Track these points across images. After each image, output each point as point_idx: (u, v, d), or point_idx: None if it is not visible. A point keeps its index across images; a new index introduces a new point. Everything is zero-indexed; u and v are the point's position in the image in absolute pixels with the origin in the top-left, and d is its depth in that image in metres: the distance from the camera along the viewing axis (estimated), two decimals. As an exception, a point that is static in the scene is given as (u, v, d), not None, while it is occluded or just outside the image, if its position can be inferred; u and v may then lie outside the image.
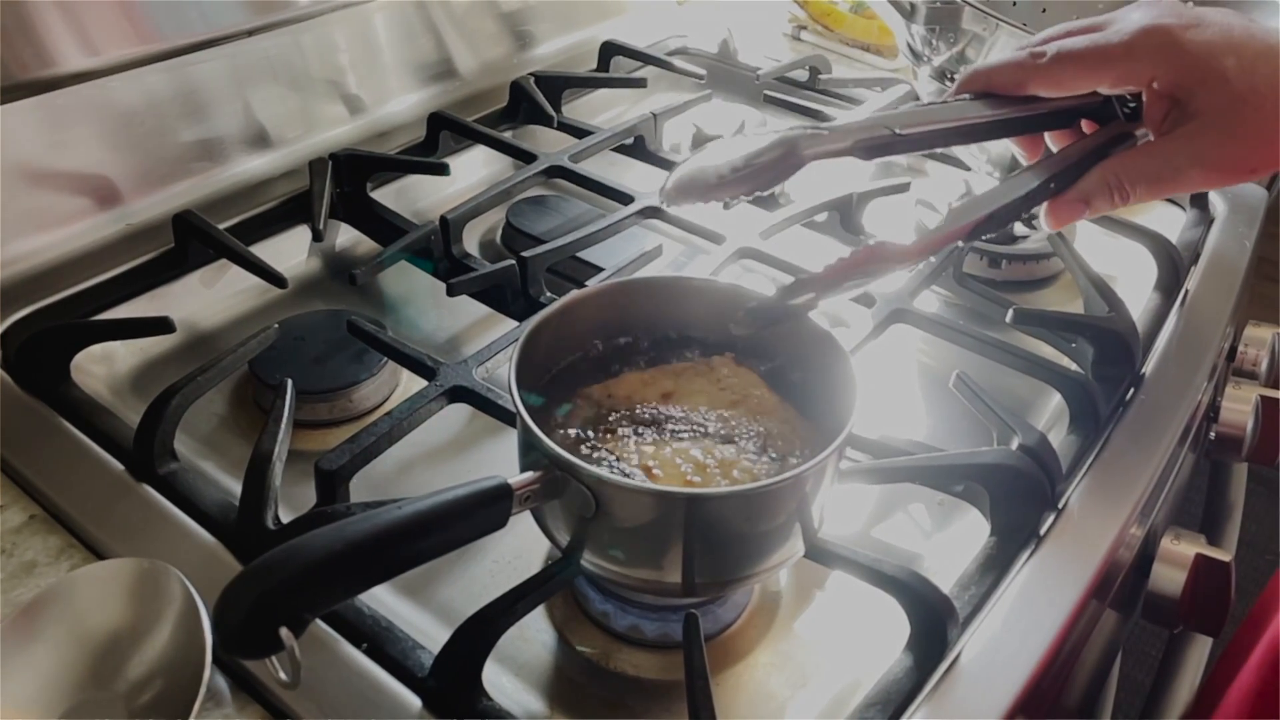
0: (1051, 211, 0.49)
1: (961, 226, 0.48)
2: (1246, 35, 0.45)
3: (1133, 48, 0.46)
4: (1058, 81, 0.48)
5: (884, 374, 0.69)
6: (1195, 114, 0.46)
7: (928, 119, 0.49)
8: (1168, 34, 0.45)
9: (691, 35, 1.10)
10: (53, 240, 0.70)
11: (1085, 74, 0.48)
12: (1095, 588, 0.53)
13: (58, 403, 0.59)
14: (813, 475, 0.44)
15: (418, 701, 0.45)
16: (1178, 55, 0.45)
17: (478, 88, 0.95)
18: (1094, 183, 0.48)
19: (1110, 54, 0.47)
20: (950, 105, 0.50)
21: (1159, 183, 0.47)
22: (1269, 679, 0.58)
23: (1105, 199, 0.48)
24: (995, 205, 0.48)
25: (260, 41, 0.79)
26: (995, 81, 0.50)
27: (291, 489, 0.54)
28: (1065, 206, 0.49)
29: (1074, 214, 0.49)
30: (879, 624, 0.50)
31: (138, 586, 0.46)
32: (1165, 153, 0.47)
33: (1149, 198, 0.48)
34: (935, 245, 0.48)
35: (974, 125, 0.49)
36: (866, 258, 0.46)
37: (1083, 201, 0.48)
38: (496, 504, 0.42)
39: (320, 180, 0.77)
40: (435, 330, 0.72)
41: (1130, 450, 0.61)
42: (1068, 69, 0.48)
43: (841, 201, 0.78)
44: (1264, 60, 0.44)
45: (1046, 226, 0.50)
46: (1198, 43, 0.45)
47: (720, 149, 0.47)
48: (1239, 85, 0.44)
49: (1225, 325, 0.74)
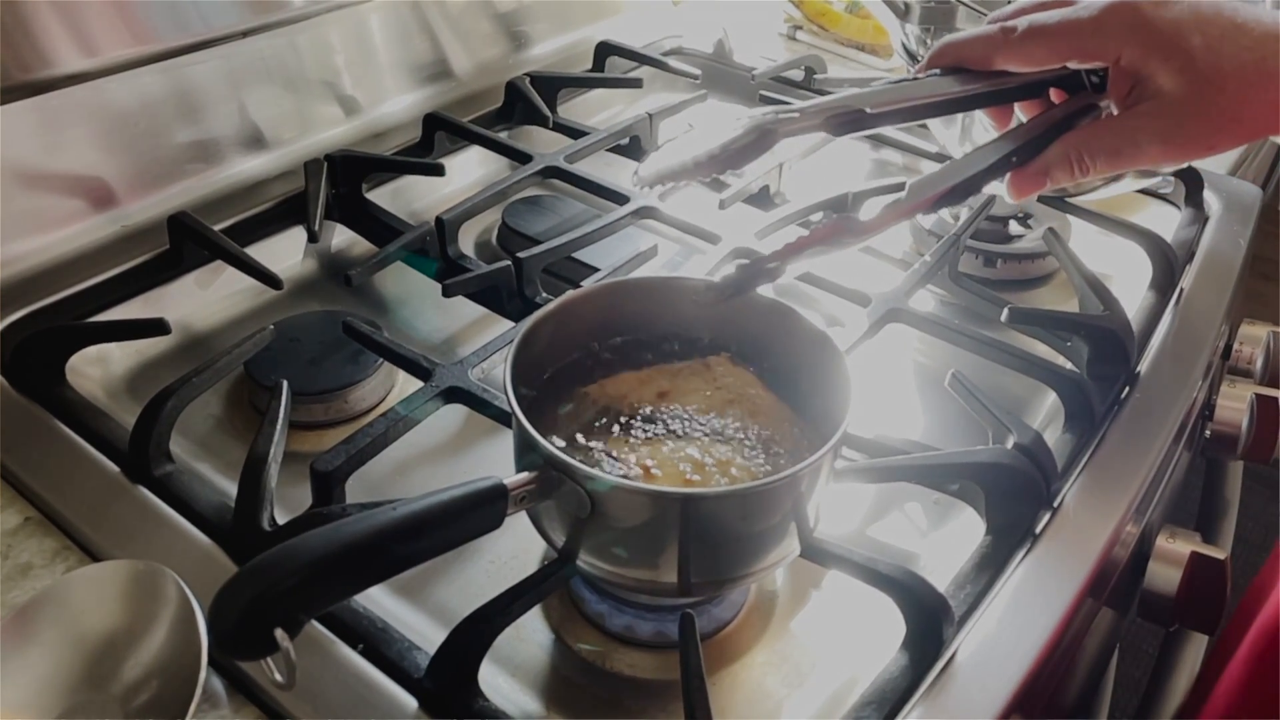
0: (1013, 183, 0.50)
1: (923, 200, 0.49)
2: (1214, 12, 0.45)
3: (1101, 24, 0.47)
4: (1028, 56, 0.49)
5: (880, 373, 0.69)
6: (1158, 91, 0.46)
7: (899, 97, 0.50)
8: (1135, 11, 0.46)
9: (687, 35, 1.10)
10: (47, 242, 0.70)
11: (1054, 50, 0.48)
12: (1090, 586, 0.53)
13: (53, 405, 0.59)
14: (808, 474, 0.44)
15: (414, 702, 0.45)
16: (1144, 33, 0.46)
17: (473, 88, 0.95)
18: (1055, 156, 0.49)
19: (1079, 30, 0.47)
20: (921, 82, 0.51)
21: (1118, 157, 0.48)
22: (1255, 672, 0.58)
23: (1065, 171, 0.49)
24: (957, 179, 0.49)
25: (255, 42, 0.79)
26: (965, 56, 0.50)
27: (287, 490, 0.54)
28: (1026, 179, 0.50)
29: (1035, 186, 0.50)
30: (875, 623, 0.50)
31: (133, 588, 0.46)
32: (1127, 128, 0.48)
33: (1108, 171, 0.49)
34: (896, 218, 0.48)
35: (943, 100, 0.50)
36: (830, 231, 0.47)
37: (1043, 174, 0.49)
38: (492, 504, 0.42)
39: (316, 181, 0.77)
40: (431, 331, 0.72)
41: (1125, 448, 0.61)
42: (1038, 45, 0.48)
43: (837, 201, 0.78)
44: (1229, 39, 0.45)
45: (1009, 198, 0.50)
46: (1165, 20, 0.45)
47: (696, 139, 0.47)
48: (1203, 64, 0.45)
49: (1220, 323, 0.74)
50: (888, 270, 0.73)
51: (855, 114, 0.48)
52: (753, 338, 0.54)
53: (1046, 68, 0.50)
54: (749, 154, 0.46)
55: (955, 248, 0.73)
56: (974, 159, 0.50)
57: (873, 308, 0.67)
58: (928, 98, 0.50)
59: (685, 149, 0.47)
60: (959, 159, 0.50)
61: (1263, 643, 0.58)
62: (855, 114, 0.48)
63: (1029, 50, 0.49)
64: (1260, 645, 0.58)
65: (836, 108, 0.48)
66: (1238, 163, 0.95)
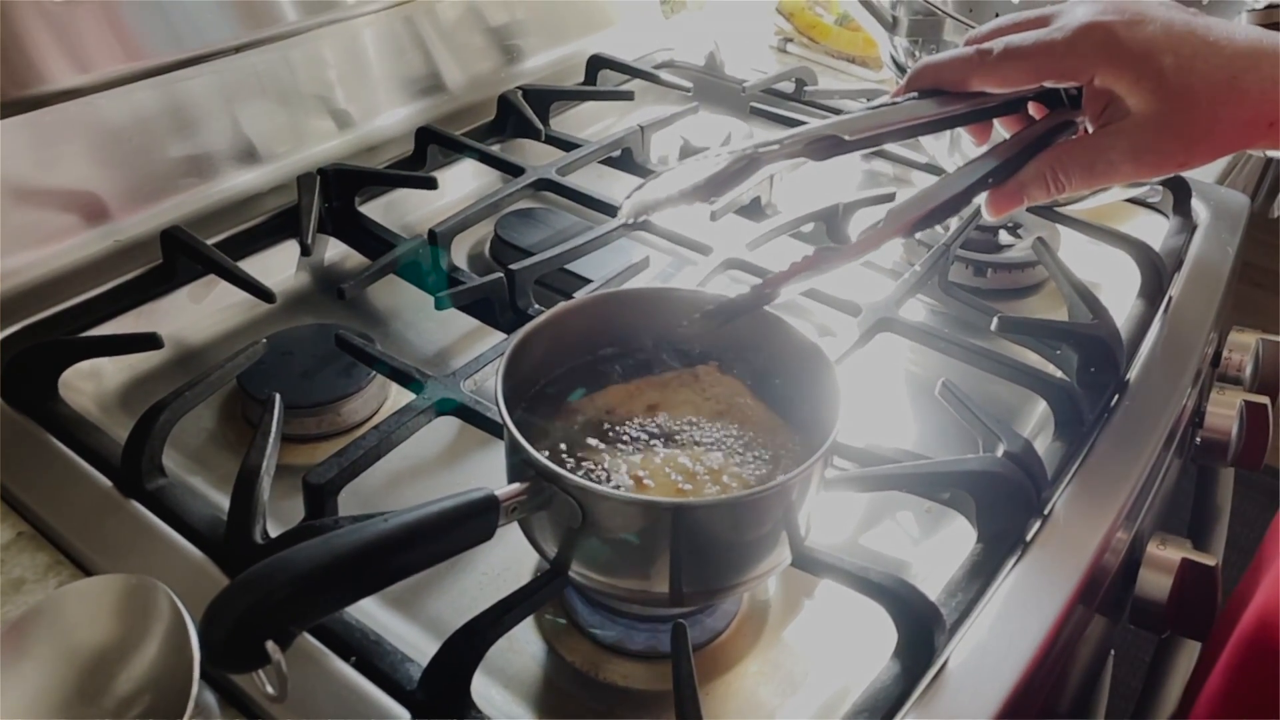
0: (991, 202, 0.51)
1: (903, 224, 0.50)
2: (1186, 30, 0.46)
3: (1074, 45, 0.47)
4: (1003, 78, 0.50)
5: (870, 383, 0.69)
6: (1131, 110, 0.47)
7: (877, 123, 0.50)
8: (1108, 31, 0.46)
9: (678, 48, 1.11)
10: (41, 257, 0.70)
11: (1029, 71, 0.49)
12: (1081, 593, 0.53)
13: (46, 419, 0.59)
14: (798, 483, 0.44)
15: (406, 714, 0.45)
16: (1117, 53, 0.46)
17: (466, 102, 0.95)
18: (1031, 174, 0.50)
19: (1053, 51, 0.48)
20: (899, 106, 0.51)
21: (1092, 174, 0.49)
22: (1234, 682, 0.58)
23: (1041, 189, 0.50)
24: (934, 202, 0.50)
25: (248, 57, 0.79)
26: (943, 78, 0.51)
27: (280, 503, 0.55)
28: (1003, 197, 0.50)
29: (1012, 204, 0.51)
30: (867, 631, 0.50)
31: (126, 602, 0.45)
32: (1100, 146, 0.48)
33: (1082, 188, 0.50)
34: (876, 242, 0.50)
35: (921, 123, 0.51)
36: (816, 260, 0.49)
37: (1019, 192, 0.50)
38: (484, 516, 0.43)
39: (309, 195, 0.77)
40: (424, 344, 0.72)
41: (1115, 456, 0.61)
42: (1013, 66, 0.49)
43: (828, 212, 0.78)
44: (1201, 58, 0.45)
45: (987, 215, 0.51)
46: (1137, 40, 0.46)
47: (682, 171, 0.49)
48: (1174, 83, 0.45)
49: (1209, 331, 0.75)
50: (878, 280, 0.73)
51: (834, 140, 0.49)
52: (743, 347, 0.54)
53: (1022, 88, 0.51)
54: (733, 182, 0.48)
55: (945, 257, 0.73)
56: (951, 181, 0.50)
57: (863, 317, 0.67)
58: (906, 121, 0.51)
59: (671, 182, 0.49)
60: (935, 183, 0.51)
61: (1242, 653, 0.58)
62: (834, 140, 0.49)
63: (1004, 72, 0.49)
64: (1239, 655, 0.58)
65: (815, 136, 0.49)
66: (1225, 171, 0.96)
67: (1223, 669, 0.59)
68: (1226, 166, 0.96)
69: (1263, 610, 0.58)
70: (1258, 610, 0.58)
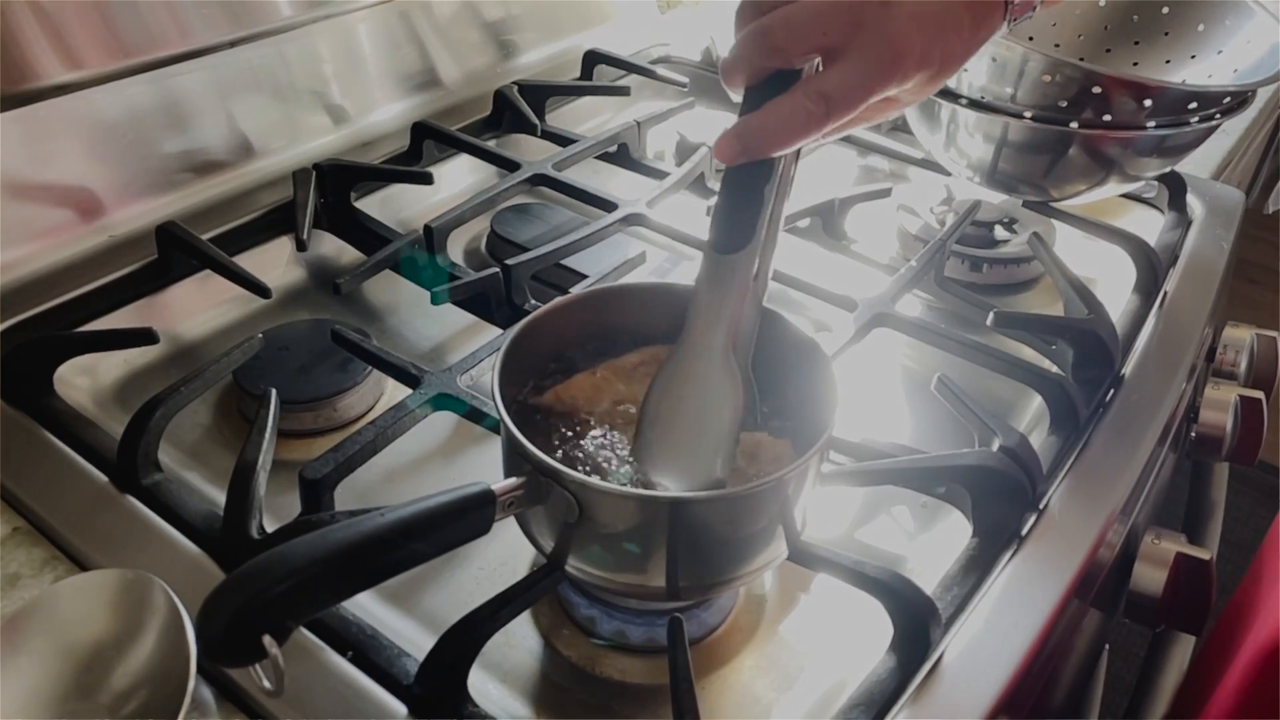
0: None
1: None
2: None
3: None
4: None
5: (866, 377, 0.70)
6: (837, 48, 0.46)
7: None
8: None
9: (674, 43, 1.11)
10: (35, 252, 0.70)
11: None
12: (1076, 587, 0.53)
13: (41, 415, 0.59)
14: (795, 478, 0.45)
15: (403, 709, 0.45)
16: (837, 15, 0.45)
17: (461, 97, 0.95)
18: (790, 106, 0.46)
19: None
20: None
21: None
22: (1267, 676, 0.58)
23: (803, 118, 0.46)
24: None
25: (243, 52, 0.79)
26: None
27: (276, 498, 0.55)
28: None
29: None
30: (863, 625, 0.51)
31: (122, 597, 0.46)
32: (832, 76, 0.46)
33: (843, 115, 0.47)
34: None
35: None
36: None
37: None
38: (480, 510, 0.43)
39: (304, 190, 0.77)
40: (420, 339, 0.72)
41: (1110, 451, 0.61)
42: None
43: (824, 207, 0.79)
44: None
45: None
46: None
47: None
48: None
49: (1204, 326, 0.75)
50: (874, 275, 0.73)
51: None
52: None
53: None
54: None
55: (941, 253, 0.73)
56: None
57: (859, 312, 0.68)
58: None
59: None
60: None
61: (1260, 664, 0.57)
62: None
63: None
64: (1267, 651, 0.57)
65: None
66: (1221, 167, 0.96)
67: (1247, 665, 0.59)
68: (1221, 162, 0.96)
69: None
70: (1277, 621, 0.58)
